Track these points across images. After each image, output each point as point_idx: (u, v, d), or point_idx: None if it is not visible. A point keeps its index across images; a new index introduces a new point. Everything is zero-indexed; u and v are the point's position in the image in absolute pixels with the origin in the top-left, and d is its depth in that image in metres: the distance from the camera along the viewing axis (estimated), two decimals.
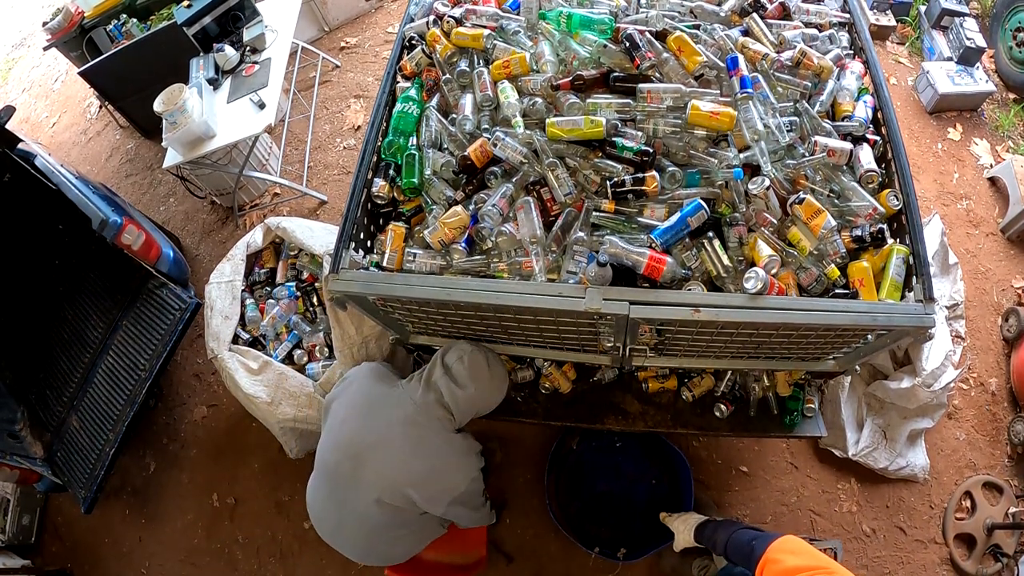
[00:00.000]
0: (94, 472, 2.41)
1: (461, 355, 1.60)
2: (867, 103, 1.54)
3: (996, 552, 2.21)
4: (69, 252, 2.95)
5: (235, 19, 3.00)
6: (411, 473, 1.56)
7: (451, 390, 1.58)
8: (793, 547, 1.20)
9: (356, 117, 3.51)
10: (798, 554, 1.17)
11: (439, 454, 1.59)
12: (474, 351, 1.62)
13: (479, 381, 1.59)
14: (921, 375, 2.14)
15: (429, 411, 1.58)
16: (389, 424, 1.57)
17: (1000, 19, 3.27)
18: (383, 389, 1.65)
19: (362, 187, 1.53)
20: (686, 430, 1.89)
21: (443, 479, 1.60)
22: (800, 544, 1.21)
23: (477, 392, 1.60)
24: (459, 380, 1.58)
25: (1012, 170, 2.82)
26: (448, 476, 1.61)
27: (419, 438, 1.57)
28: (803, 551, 1.18)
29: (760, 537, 1.29)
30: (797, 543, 1.21)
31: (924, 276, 1.24)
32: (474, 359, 1.60)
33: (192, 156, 2.64)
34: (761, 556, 1.21)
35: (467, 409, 1.63)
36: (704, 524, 1.64)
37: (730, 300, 1.24)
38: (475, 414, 1.68)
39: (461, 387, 1.58)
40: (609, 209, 1.41)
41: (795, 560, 1.14)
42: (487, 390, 1.63)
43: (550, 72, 1.57)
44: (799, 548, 1.19)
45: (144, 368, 2.52)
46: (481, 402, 1.65)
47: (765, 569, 1.19)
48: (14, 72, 5.00)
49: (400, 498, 1.56)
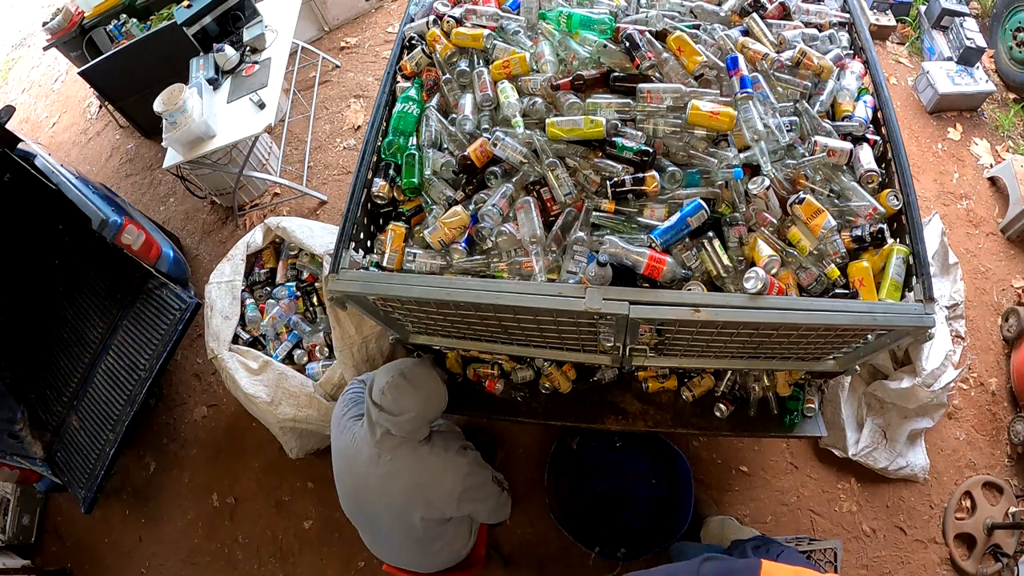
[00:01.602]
0: (94, 472, 2.42)
1: (383, 387, 1.57)
2: (867, 103, 1.53)
3: (996, 552, 2.21)
4: (69, 252, 2.95)
5: (235, 19, 3.00)
6: (406, 499, 1.62)
7: (392, 421, 1.57)
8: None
9: (356, 117, 3.51)
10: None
11: (418, 472, 1.62)
12: (393, 377, 1.59)
13: (410, 400, 1.57)
14: (921, 375, 2.14)
15: (384, 443, 1.60)
16: (366, 470, 1.63)
17: (1000, 19, 3.27)
18: (346, 439, 1.69)
19: (362, 187, 1.52)
20: (686, 430, 1.89)
21: (436, 489, 1.63)
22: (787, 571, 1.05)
23: (416, 410, 1.58)
24: (393, 410, 1.56)
25: (1012, 170, 2.82)
26: (439, 485, 1.63)
27: (392, 469, 1.61)
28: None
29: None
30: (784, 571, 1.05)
31: (924, 276, 1.23)
32: (396, 385, 1.57)
33: (192, 156, 2.64)
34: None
35: (416, 426, 1.60)
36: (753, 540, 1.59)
37: (730, 300, 1.24)
38: (429, 422, 1.66)
39: (398, 415, 1.56)
40: (609, 209, 1.41)
41: None
42: (423, 404, 1.60)
43: (550, 72, 1.57)
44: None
45: (144, 368, 2.52)
46: (426, 414, 1.62)
47: None
48: (14, 72, 5.01)
49: (416, 521, 1.63)
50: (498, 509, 1.82)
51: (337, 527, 2.41)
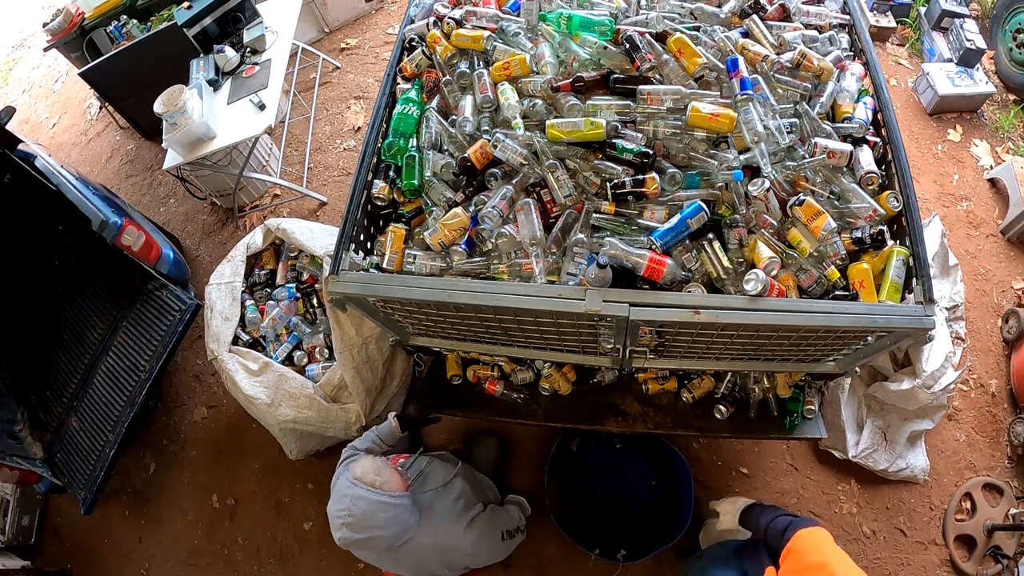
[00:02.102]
0: (94, 473, 2.41)
1: (342, 542, 1.56)
2: (867, 105, 1.54)
3: (996, 553, 2.21)
4: (69, 253, 2.95)
5: (235, 20, 3.00)
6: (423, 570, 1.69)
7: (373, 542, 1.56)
8: (815, 541, 1.26)
9: (356, 118, 3.51)
10: (817, 552, 1.23)
11: (428, 554, 1.66)
12: (342, 536, 1.55)
13: (367, 543, 1.56)
14: (921, 376, 2.14)
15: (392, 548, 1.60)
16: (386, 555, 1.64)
17: (1000, 20, 3.27)
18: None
19: (362, 188, 1.53)
20: (686, 432, 1.89)
21: (448, 562, 1.72)
22: (819, 541, 1.26)
23: (387, 534, 1.55)
24: (367, 553, 1.60)
25: (1012, 171, 2.82)
26: (451, 558, 1.71)
27: (407, 558, 1.63)
28: (820, 549, 1.24)
29: (792, 524, 1.35)
30: (817, 538, 1.27)
31: (924, 278, 1.24)
32: (347, 541, 1.55)
33: (192, 157, 2.64)
34: (787, 543, 1.29)
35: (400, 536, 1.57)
36: (751, 507, 1.68)
37: (730, 302, 1.24)
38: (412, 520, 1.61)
39: (377, 546, 1.56)
40: (609, 211, 1.41)
41: (812, 558, 1.22)
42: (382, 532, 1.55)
43: (550, 74, 1.57)
44: (817, 545, 1.25)
45: (144, 369, 2.52)
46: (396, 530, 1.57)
47: (787, 558, 1.26)
48: (14, 73, 5.01)
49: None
50: (508, 552, 1.91)
51: None
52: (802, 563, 1.23)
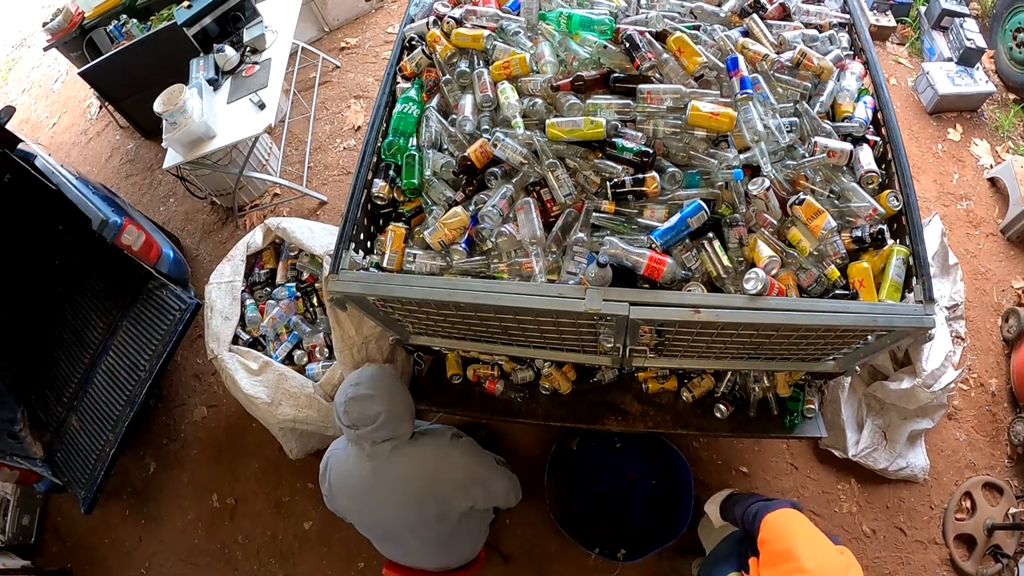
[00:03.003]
0: (94, 472, 2.42)
1: (344, 407, 1.56)
2: (867, 104, 1.54)
3: (996, 553, 2.21)
4: (69, 252, 2.95)
5: (235, 20, 3.00)
6: (417, 502, 1.64)
7: (369, 430, 1.55)
8: (780, 527, 1.23)
9: (356, 117, 3.51)
10: (782, 539, 1.20)
11: (418, 469, 1.63)
12: (348, 393, 1.58)
13: (373, 402, 1.57)
14: (921, 376, 2.14)
15: (376, 455, 1.61)
16: (371, 487, 1.65)
17: (1000, 19, 3.27)
18: (348, 466, 1.70)
19: (362, 188, 1.53)
20: (686, 431, 1.89)
21: (442, 481, 1.64)
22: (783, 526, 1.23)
23: (384, 408, 1.57)
24: (363, 420, 1.55)
25: (1012, 171, 2.82)
26: (442, 475, 1.64)
27: (393, 475, 1.63)
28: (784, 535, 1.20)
29: (760, 511, 1.31)
30: (782, 523, 1.23)
31: (924, 277, 1.24)
32: (353, 397, 1.57)
33: (192, 157, 2.64)
34: (758, 532, 1.26)
35: (395, 424, 1.60)
36: (727, 501, 1.66)
37: (730, 301, 1.24)
38: (407, 417, 1.65)
39: (372, 423, 1.55)
40: (609, 210, 1.41)
41: (778, 545, 1.18)
42: (388, 401, 1.59)
43: (550, 73, 1.57)
44: (783, 531, 1.22)
45: (144, 368, 2.52)
46: (396, 408, 1.61)
47: (762, 547, 1.23)
48: (14, 72, 5.01)
49: (433, 522, 1.68)
50: (510, 489, 1.84)
51: (337, 527, 2.41)
52: (772, 552, 1.20)
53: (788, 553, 1.14)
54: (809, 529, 1.21)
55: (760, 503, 1.39)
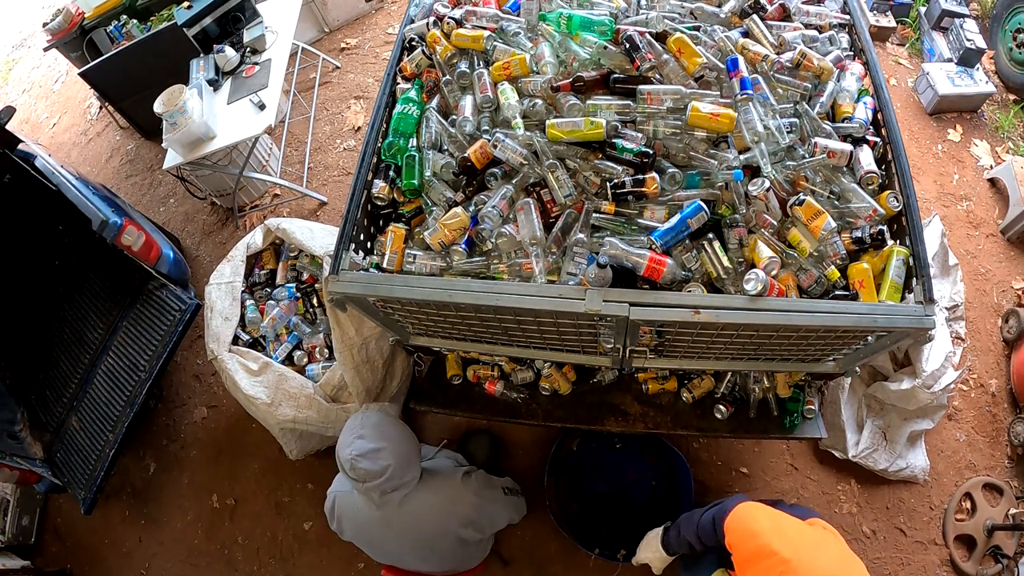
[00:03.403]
0: (94, 473, 2.41)
1: (351, 462, 1.53)
2: (867, 104, 1.54)
3: (996, 553, 2.21)
4: (69, 253, 2.95)
5: (235, 20, 3.00)
6: (430, 540, 1.66)
7: (378, 483, 1.54)
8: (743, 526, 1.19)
9: (356, 118, 3.51)
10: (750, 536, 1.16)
11: (430, 514, 1.65)
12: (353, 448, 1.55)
13: (381, 455, 1.54)
14: (921, 376, 2.14)
15: (387, 505, 1.61)
16: (382, 534, 1.69)
17: (1000, 20, 3.27)
18: (357, 511, 1.70)
19: (362, 188, 1.53)
20: (686, 431, 1.89)
21: (454, 521, 1.67)
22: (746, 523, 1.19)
23: (392, 460, 1.55)
24: (372, 475, 1.53)
25: (1012, 171, 2.82)
26: (455, 516, 1.67)
27: (406, 524, 1.64)
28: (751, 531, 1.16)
29: (715, 518, 1.27)
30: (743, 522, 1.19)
31: (924, 277, 1.23)
32: (361, 452, 1.54)
33: (192, 157, 2.64)
34: (723, 539, 1.22)
35: (403, 473, 1.59)
36: (666, 531, 1.56)
37: (730, 302, 1.24)
38: (414, 462, 1.64)
39: (381, 475, 1.53)
40: (609, 211, 1.41)
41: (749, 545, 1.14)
42: (396, 451, 1.58)
43: (550, 73, 1.57)
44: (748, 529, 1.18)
45: (144, 369, 2.52)
46: (403, 457, 1.60)
47: (733, 553, 1.19)
48: (14, 73, 5.01)
49: (447, 552, 1.72)
50: (516, 514, 1.89)
51: None
52: (746, 554, 1.15)
53: (761, 551, 1.11)
54: (772, 517, 1.17)
55: (711, 511, 1.34)
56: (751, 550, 1.13)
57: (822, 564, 1.06)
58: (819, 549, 1.10)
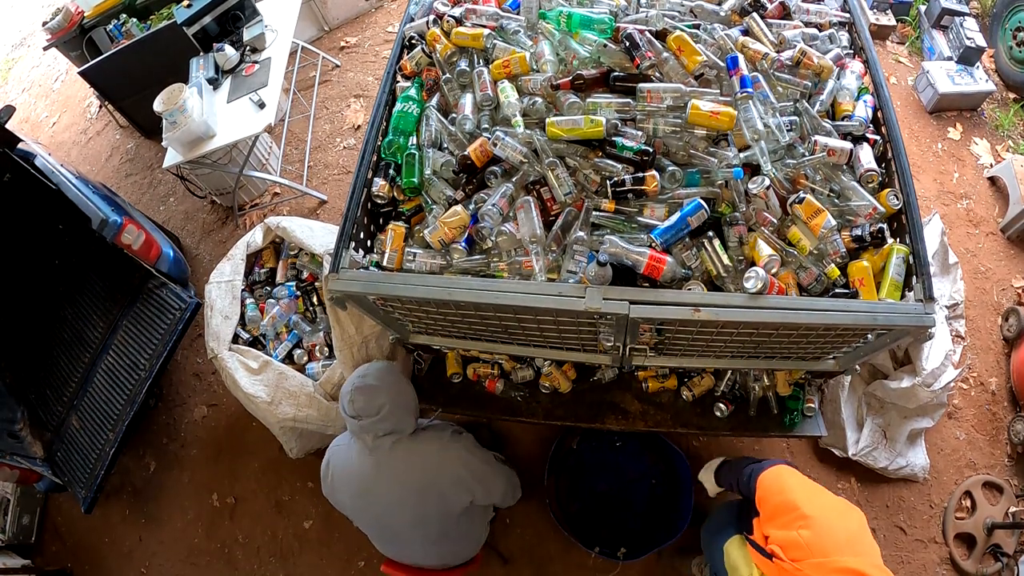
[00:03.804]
0: (94, 472, 2.41)
1: (349, 397, 1.58)
2: (867, 103, 1.54)
3: (996, 552, 2.21)
4: (69, 252, 2.95)
5: (235, 19, 3.00)
6: (418, 497, 1.64)
7: (372, 422, 1.57)
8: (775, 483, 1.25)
9: (356, 117, 3.51)
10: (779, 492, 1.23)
11: (420, 464, 1.64)
12: (353, 385, 1.60)
13: (378, 395, 1.57)
14: (921, 375, 2.14)
15: (378, 449, 1.61)
16: (372, 481, 1.66)
17: (1000, 19, 3.27)
18: (350, 461, 1.70)
19: (362, 187, 1.53)
20: (686, 430, 1.89)
21: (443, 477, 1.64)
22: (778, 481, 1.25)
23: (388, 401, 1.58)
24: (367, 411, 1.56)
25: (1012, 169, 2.82)
26: (444, 471, 1.65)
27: (395, 470, 1.63)
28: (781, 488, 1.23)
29: (753, 472, 1.33)
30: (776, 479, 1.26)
31: (924, 275, 1.24)
32: (359, 388, 1.58)
33: (192, 156, 2.64)
34: (755, 492, 1.29)
35: (398, 417, 1.61)
36: (720, 469, 1.66)
37: (730, 300, 1.24)
38: (410, 412, 1.67)
39: (375, 414, 1.56)
40: (609, 209, 1.41)
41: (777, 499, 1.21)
42: (393, 394, 1.60)
43: (550, 72, 1.57)
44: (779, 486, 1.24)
45: (144, 368, 2.52)
46: (399, 402, 1.62)
47: (761, 506, 1.26)
48: (14, 72, 5.01)
49: (433, 519, 1.69)
50: (510, 488, 1.86)
51: (337, 527, 2.41)
52: (771, 507, 1.22)
53: (787, 504, 1.17)
54: (803, 480, 1.24)
55: (753, 465, 1.41)
56: (777, 503, 1.20)
57: (840, 529, 1.11)
58: (841, 517, 1.15)
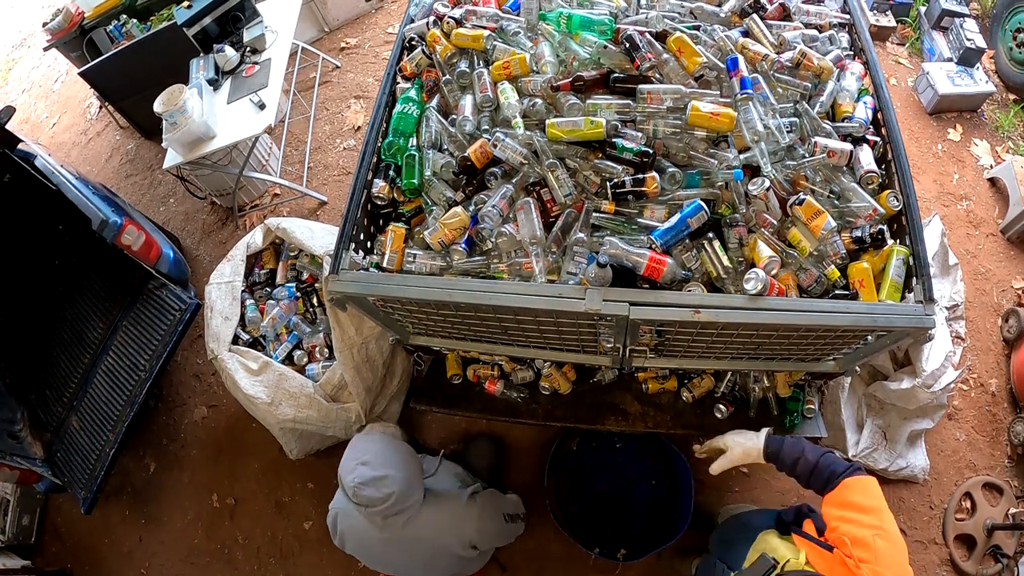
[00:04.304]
0: (94, 472, 2.42)
1: (354, 487, 1.52)
2: (867, 104, 1.54)
3: (996, 553, 2.21)
4: (69, 252, 2.95)
5: (235, 20, 3.00)
6: (431, 559, 1.67)
7: (382, 508, 1.54)
8: (871, 488, 1.21)
9: (356, 118, 3.51)
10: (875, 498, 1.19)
11: (433, 537, 1.65)
12: (357, 473, 1.53)
13: (385, 482, 1.54)
14: (921, 376, 2.14)
15: (390, 528, 1.61)
16: (385, 555, 1.69)
17: (1000, 20, 3.27)
18: (360, 531, 1.69)
19: (362, 188, 1.53)
20: (686, 431, 1.89)
21: (456, 542, 1.68)
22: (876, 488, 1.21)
23: (397, 486, 1.55)
24: (376, 499, 1.53)
25: (1012, 171, 2.82)
26: (457, 537, 1.68)
27: (409, 546, 1.64)
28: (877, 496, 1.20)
29: (845, 471, 1.25)
30: (873, 486, 1.22)
31: (924, 277, 1.24)
32: (364, 478, 1.53)
33: (192, 157, 2.64)
34: (834, 487, 1.23)
35: (406, 496, 1.58)
36: (774, 438, 1.50)
37: (730, 301, 1.24)
38: (420, 484, 1.65)
39: (385, 500, 1.53)
40: (609, 210, 1.41)
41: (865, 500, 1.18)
42: (401, 477, 1.57)
43: (550, 73, 1.57)
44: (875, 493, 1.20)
45: (144, 368, 2.52)
46: (407, 481, 1.59)
47: (836, 497, 1.22)
48: (14, 72, 5.01)
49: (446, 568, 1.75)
50: (511, 539, 1.91)
51: None
52: (849, 501, 1.18)
53: (872, 508, 1.15)
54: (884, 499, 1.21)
55: (832, 459, 1.29)
56: (862, 503, 1.17)
57: (903, 556, 1.12)
58: (904, 550, 1.14)
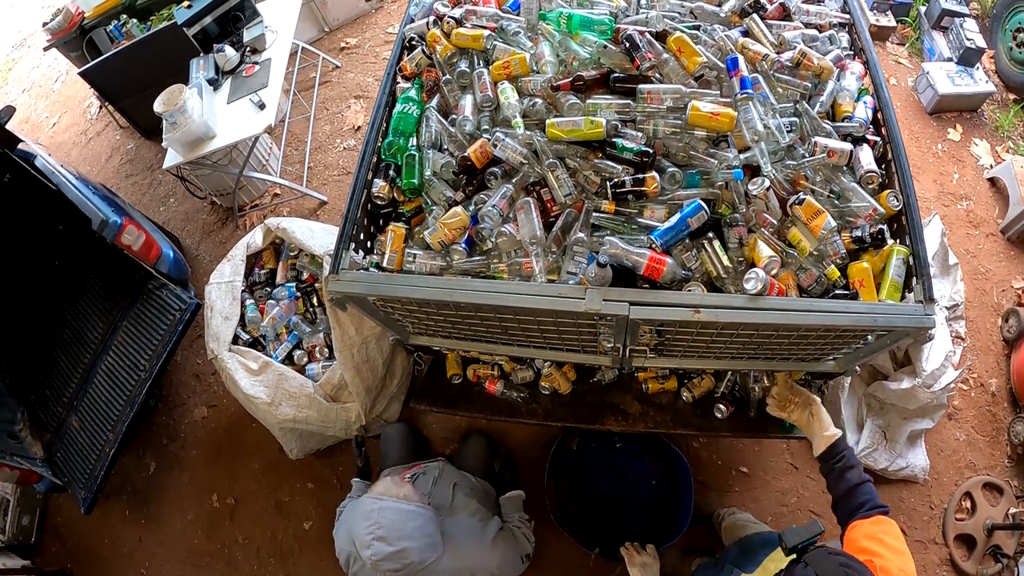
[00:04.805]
0: (94, 472, 2.42)
1: (372, 563, 1.47)
2: (867, 104, 1.54)
3: (996, 553, 2.21)
4: (69, 252, 2.95)
5: (235, 19, 3.00)
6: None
7: (404, 568, 1.49)
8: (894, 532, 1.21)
9: (356, 118, 3.51)
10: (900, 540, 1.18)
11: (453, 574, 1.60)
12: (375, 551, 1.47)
13: (403, 554, 1.49)
14: (921, 376, 2.14)
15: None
16: None
17: (1000, 19, 3.27)
18: None
19: (362, 188, 1.53)
20: (686, 431, 1.89)
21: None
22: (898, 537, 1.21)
23: (415, 555, 1.50)
24: (399, 569, 1.48)
25: (1012, 171, 2.82)
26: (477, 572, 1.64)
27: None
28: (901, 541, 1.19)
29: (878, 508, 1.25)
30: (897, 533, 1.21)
31: (924, 277, 1.24)
32: (382, 555, 1.47)
33: (192, 156, 2.64)
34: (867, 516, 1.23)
35: (424, 557, 1.52)
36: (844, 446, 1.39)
37: (730, 301, 1.24)
38: (439, 544, 1.58)
39: (406, 568, 1.49)
40: (609, 210, 1.41)
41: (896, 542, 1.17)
42: (417, 546, 1.51)
43: (550, 73, 1.57)
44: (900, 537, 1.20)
45: (144, 368, 2.52)
46: (424, 543, 1.53)
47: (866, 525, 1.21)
48: (14, 72, 5.01)
49: None
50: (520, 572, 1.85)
51: None
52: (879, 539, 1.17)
53: (903, 553, 1.15)
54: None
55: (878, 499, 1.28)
56: (895, 546, 1.16)
57: None
58: None
